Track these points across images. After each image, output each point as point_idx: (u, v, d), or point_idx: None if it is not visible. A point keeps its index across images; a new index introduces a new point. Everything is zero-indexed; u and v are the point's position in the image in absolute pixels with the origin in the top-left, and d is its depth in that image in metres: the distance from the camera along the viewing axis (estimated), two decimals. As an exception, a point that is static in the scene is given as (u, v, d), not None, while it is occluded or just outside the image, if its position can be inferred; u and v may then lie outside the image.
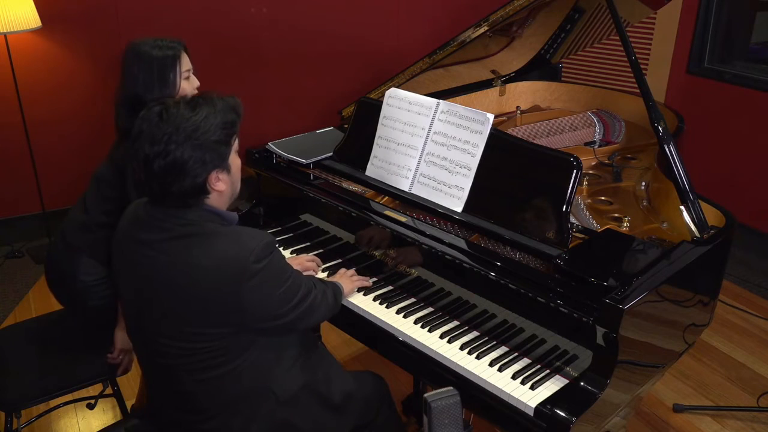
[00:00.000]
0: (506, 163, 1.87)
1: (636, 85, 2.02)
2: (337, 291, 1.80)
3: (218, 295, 1.43)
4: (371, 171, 2.14)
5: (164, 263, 1.46)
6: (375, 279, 2.00)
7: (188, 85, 2.06)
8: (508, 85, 2.97)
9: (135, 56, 1.97)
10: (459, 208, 1.92)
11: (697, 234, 1.79)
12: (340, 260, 2.09)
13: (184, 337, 1.48)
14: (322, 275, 2.02)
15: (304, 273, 1.95)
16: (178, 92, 2.01)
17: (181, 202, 1.46)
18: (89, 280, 2.03)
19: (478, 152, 1.90)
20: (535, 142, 2.05)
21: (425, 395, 1.35)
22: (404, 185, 2.05)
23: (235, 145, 1.54)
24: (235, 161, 1.54)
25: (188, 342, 1.48)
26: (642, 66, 3.29)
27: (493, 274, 1.69)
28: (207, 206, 1.50)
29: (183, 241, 1.45)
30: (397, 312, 1.85)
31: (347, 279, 1.91)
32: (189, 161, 1.41)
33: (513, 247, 1.78)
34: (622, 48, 2.07)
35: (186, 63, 2.05)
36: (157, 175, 1.42)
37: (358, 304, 1.88)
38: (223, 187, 1.50)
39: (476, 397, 1.61)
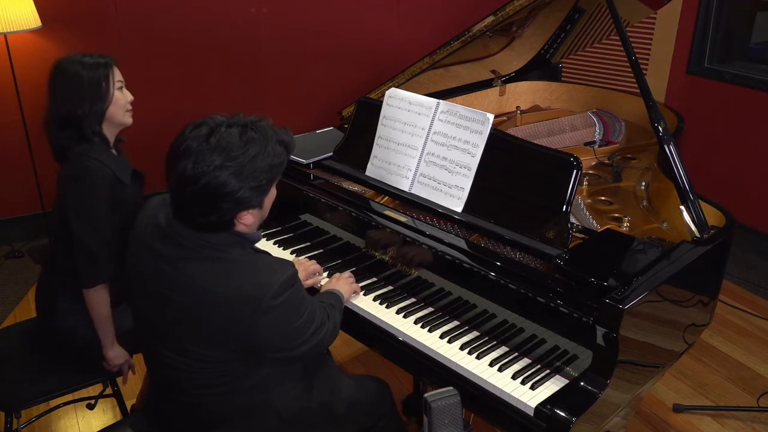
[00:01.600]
0: (506, 163, 1.87)
1: (636, 85, 2.02)
2: (340, 307, 1.74)
3: (230, 325, 1.40)
4: (371, 171, 2.14)
5: (182, 282, 1.42)
6: (375, 279, 2.00)
7: (122, 95, 1.99)
8: (508, 85, 2.97)
9: (64, 73, 1.93)
10: (459, 208, 1.92)
11: (697, 234, 1.79)
12: (339, 260, 2.09)
13: (189, 356, 1.47)
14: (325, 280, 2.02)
15: (311, 280, 1.96)
16: (112, 101, 1.95)
17: (206, 226, 1.41)
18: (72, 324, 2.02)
19: (478, 152, 1.90)
20: (535, 142, 2.05)
21: (425, 395, 1.35)
22: (404, 185, 2.04)
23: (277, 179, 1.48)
24: (270, 195, 1.48)
25: (193, 360, 1.47)
26: (642, 66, 3.29)
27: (493, 274, 1.69)
28: (232, 231, 1.44)
29: (202, 265, 1.41)
30: (397, 312, 1.85)
31: (344, 282, 1.87)
32: (225, 199, 1.36)
33: (513, 247, 1.78)
34: (622, 48, 2.07)
35: (118, 75, 1.98)
36: (188, 199, 1.37)
37: (358, 304, 1.88)
38: (251, 221, 1.45)
39: (476, 397, 1.61)
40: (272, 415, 1.58)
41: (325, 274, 2.02)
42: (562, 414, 1.47)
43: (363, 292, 1.92)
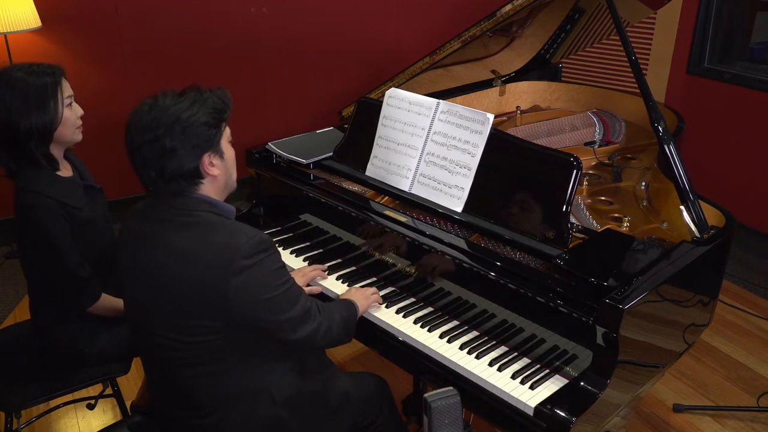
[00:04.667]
0: (506, 163, 1.87)
1: (636, 85, 2.02)
2: (346, 316, 1.72)
3: (203, 287, 1.43)
4: (371, 171, 2.14)
5: (161, 254, 1.47)
6: (375, 279, 2.00)
7: (71, 112, 1.88)
8: (508, 85, 2.97)
9: (7, 84, 1.79)
10: (459, 208, 1.92)
11: (697, 234, 1.79)
12: (339, 260, 2.09)
13: (176, 329, 1.49)
14: (330, 280, 2.02)
15: (311, 282, 1.97)
16: (60, 120, 1.84)
17: (176, 187, 1.47)
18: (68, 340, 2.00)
19: (478, 152, 1.90)
20: (535, 142, 2.05)
21: (425, 395, 1.35)
22: (404, 185, 2.04)
23: (227, 133, 1.55)
24: (228, 150, 1.55)
25: (180, 334, 1.49)
26: (642, 66, 3.29)
27: (493, 274, 1.69)
28: (203, 196, 1.51)
29: (180, 233, 1.47)
30: (397, 312, 1.85)
31: (361, 294, 1.84)
32: (178, 145, 1.44)
33: (513, 247, 1.78)
34: (622, 48, 2.07)
35: (67, 89, 1.87)
36: (150, 160, 1.44)
37: (358, 304, 1.88)
38: (217, 172, 1.51)
39: (476, 397, 1.61)
40: (265, 399, 1.59)
41: (332, 278, 2.02)
42: (562, 414, 1.47)
43: (385, 304, 1.88)
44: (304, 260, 2.12)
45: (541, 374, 1.60)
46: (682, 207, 1.84)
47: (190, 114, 1.45)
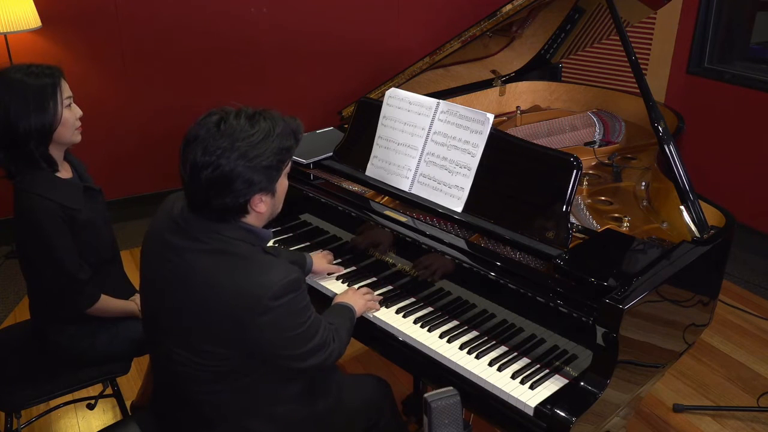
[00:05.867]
0: (506, 163, 1.87)
1: (636, 85, 2.02)
2: (348, 326, 1.71)
3: (228, 321, 1.41)
4: (371, 171, 2.14)
5: (186, 273, 1.44)
6: (375, 279, 2.00)
7: (70, 113, 1.87)
8: (508, 85, 2.97)
9: (6, 85, 1.78)
10: (459, 208, 1.92)
11: (697, 234, 1.79)
12: (339, 260, 2.09)
13: (191, 350, 1.47)
14: (330, 279, 2.02)
15: (328, 276, 1.99)
16: (60, 121, 1.83)
17: (219, 217, 1.44)
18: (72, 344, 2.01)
19: (478, 152, 1.90)
20: (535, 142, 2.05)
21: (425, 395, 1.35)
22: (404, 185, 2.04)
23: (287, 168, 1.51)
24: (282, 183, 1.51)
25: (195, 355, 1.47)
26: (642, 66, 3.29)
27: (493, 274, 1.69)
28: (244, 224, 1.47)
29: (211, 258, 1.43)
30: (397, 312, 1.85)
31: (359, 297, 1.83)
32: (236, 180, 1.39)
33: (513, 247, 1.78)
34: (622, 48, 2.07)
35: (66, 90, 1.86)
36: (201, 185, 1.39)
37: (358, 304, 1.88)
38: (264, 209, 1.47)
39: (476, 397, 1.61)
40: (273, 419, 1.58)
41: (338, 282, 2.02)
42: (562, 414, 1.47)
43: (385, 304, 1.88)
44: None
45: (541, 374, 1.60)
46: (682, 207, 1.84)
47: (257, 154, 1.39)
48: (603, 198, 2.16)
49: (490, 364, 1.65)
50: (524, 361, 1.66)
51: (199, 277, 1.42)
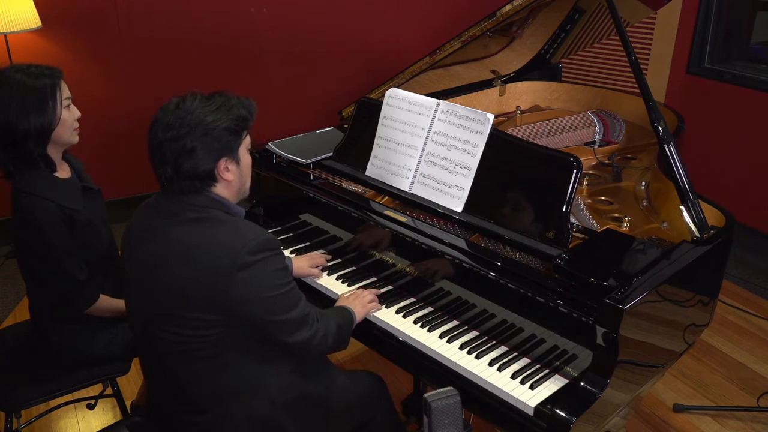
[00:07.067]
0: (506, 163, 1.87)
1: (636, 85, 2.02)
2: (342, 323, 1.72)
3: (206, 280, 1.45)
4: (371, 171, 2.14)
5: (166, 247, 1.50)
6: (374, 278, 2.00)
7: (69, 114, 1.87)
8: (508, 85, 2.97)
9: (6, 85, 1.79)
10: (459, 208, 1.92)
11: (697, 234, 1.79)
12: (339, 260, 2.09)
13: (175, 322, 1.49)
14: (330, 279, 2.02)
15: (314, 269, 2.02)
16: (59, 122, 1.84)
17: (190, 185, 1.51)
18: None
19: (478, 152, 1.90)
20: (535, 142, 2.05)
21: (425, 395, 1.35)
22: (404, 185, 2.04)
23: (247, 142, 1.60)
24: (245, 157, 1.59)
25: (179, 327, 1.49)
26: (642, 66, 3.29)
27: (493, 274, 1.69)
28: (215, 195, 1.55)
29: (186, 226, 1.50)
30: (397, 312, 1.85)
31: (359, 302, 1.83)
32: (198, 146, 1.48)
33: (513, 247, 1.78)
34: (622, 48, 2.07)
35: (66, 91, 1.86)
36: (168, 157, 1.48)
37: (358, 304, 1.88)
38: (231, 177, 1.55)
39: (476, 397, 1.61)
40: (263, 398, 1.59)
41: (332, 278, 2.02)
42: (562, 414, 1.47)
43: (385, 304, 1.88)
44: (304, 260, 2.12)
45: (541, 374, 1.60)
46: (682, 207, 1.84)
47: (214, 118, 1.50)
48: (603, 198, 2.16)
49: (490, 364, 1.65)
50: (524, 361, 1.66)
51: (177, 246, 1.49)
